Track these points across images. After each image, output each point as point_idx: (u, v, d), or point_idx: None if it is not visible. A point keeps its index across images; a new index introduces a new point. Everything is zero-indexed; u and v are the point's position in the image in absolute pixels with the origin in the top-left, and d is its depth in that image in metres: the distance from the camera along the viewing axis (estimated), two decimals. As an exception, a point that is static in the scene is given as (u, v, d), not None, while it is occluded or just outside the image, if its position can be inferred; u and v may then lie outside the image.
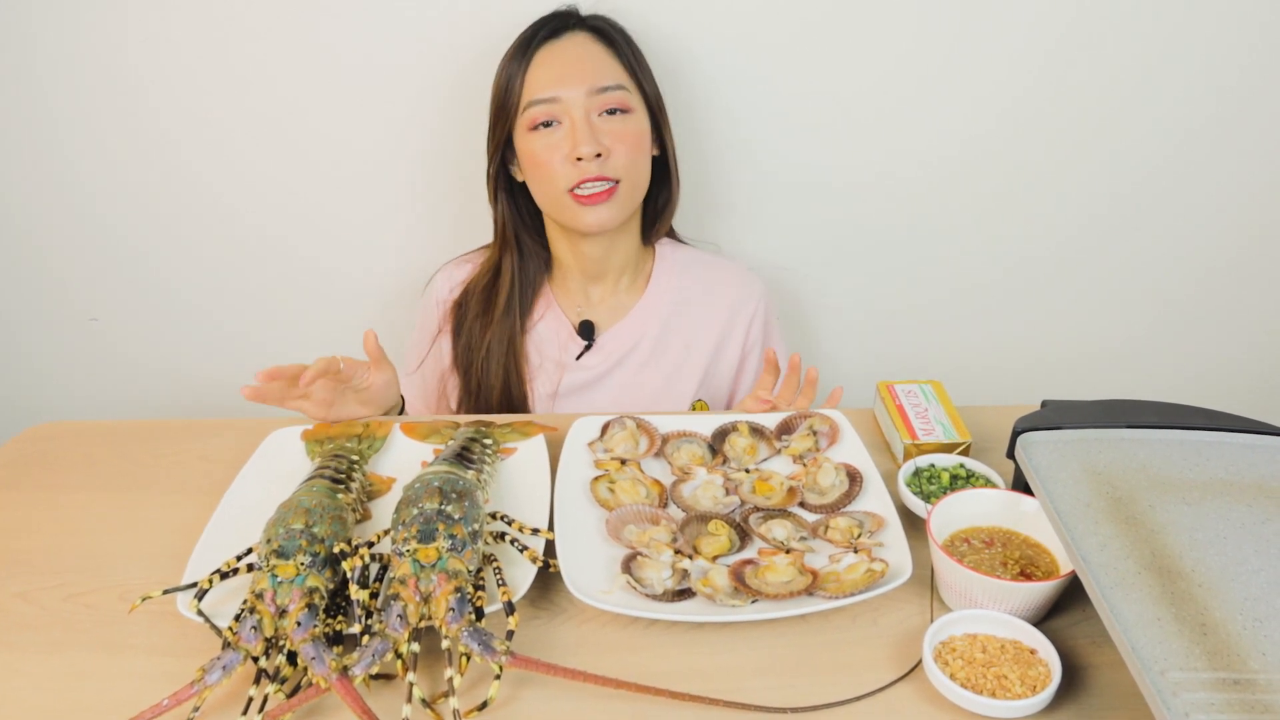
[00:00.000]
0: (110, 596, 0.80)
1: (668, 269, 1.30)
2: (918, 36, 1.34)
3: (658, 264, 1.31)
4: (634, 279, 1.30)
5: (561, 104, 1.13)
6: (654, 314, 1.28)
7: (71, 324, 1.61)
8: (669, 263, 1.31)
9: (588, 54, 1.16)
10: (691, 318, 1.29)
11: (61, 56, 1.39)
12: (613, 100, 1.14)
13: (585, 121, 1.13)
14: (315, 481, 0.85)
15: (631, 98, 1.17)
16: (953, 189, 1.46)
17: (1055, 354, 1.61)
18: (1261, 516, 0.71)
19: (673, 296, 1.29)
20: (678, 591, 0.76)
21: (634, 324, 1.28)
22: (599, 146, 1.12)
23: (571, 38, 1.17)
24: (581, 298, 1.30)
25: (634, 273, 1.30)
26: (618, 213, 1.17)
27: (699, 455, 0.96)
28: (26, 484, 0.96)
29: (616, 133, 1.14)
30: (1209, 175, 1.44)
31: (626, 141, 1.15)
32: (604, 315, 1.29)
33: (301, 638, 0.67)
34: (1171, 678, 0.57)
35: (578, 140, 1.12)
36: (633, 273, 1.30)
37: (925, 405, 1.01)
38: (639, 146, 1.17)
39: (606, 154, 1.13)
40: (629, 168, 1.16)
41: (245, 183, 1.48)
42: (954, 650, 0.69)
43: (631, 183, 1.17)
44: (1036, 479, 0.77)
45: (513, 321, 1.25)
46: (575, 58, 1.15)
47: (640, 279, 1.31)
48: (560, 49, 1.16)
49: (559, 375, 1.26)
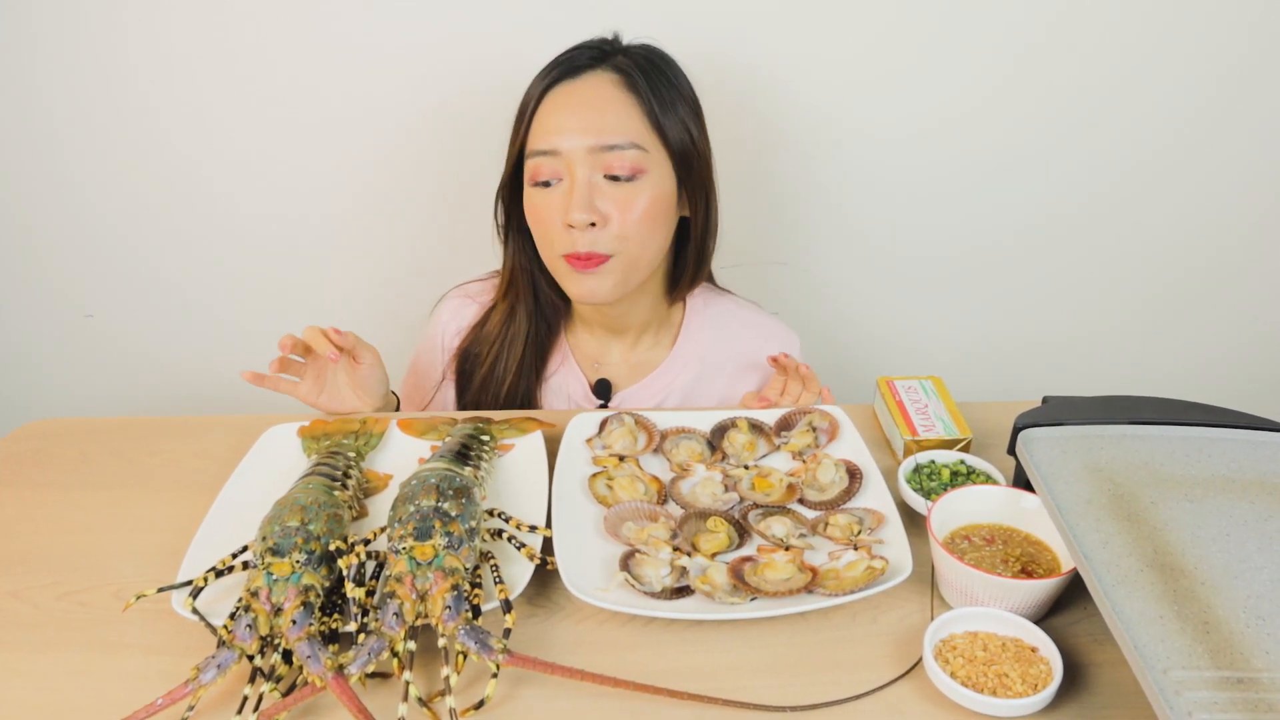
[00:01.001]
0: (104, 595, 0.79)
1: (698, 327, 1.18)
2: (916, 30, 1.34)
3: (687, 319, 1.18)
4: (658, 335, 1.18)
5: (560, 158, 1.01)
6: (678, 377, 1.17)
7: (67, 320, 1.61)
8: (700, 319, 1.19)
9: (602, 101, 1.01)
10: (720, 381, 1.17)
11: (57, 52, 1.38)
12: (620, 161, 1.00)
13: (585, 183, 1.00)
14: (311, 478, 0.84)
15: (648, 158, 1.02)
16: (951, 182, 1.45)
17: (1057, 348, 1.61)
18: (1264, 513, 0.71)
19: (699, 358, 1.17)
20: (676, 589, 0.76)
21: (655, 388, 1.17)
22: (593, 214, 1.00)
23: (589, 79, 1.03)
24: (599, 352, 1.18)
25: (658, 328, 1.18)
26: (611, 287, 1.04)
27: (698, 452, 0.96)
28: (20, 481, 0.96)
29: (619, 199, 1.01)
30: (1208, 166, 1.44)
31: (629, 211, 1.01)
32: (623, 373, 1.18)
33: (297, 636, 0.66)
34: (1174, 676, 0.57)
35: (571, 204, 1.00)
36: (656, 329, 1.18)
37: (925, 401, 1.00)
38: (647, 216, 1.02)
39: (603, 222, 1.01)
40: (627, 241, 1.03)
41: (241, 179, 1.47)
42: (954, 648, 0.69)
43: (630, 257, 1.04)
44: (1038, 475, 0.76)
45: (529, 380, 1.15)
46: (585, 105, 1.01)
47: (666, 335, 1.19)
48: (572, 93, 1.02)
49: None
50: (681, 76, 1.08)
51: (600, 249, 1.02)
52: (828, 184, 1.45)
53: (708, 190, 1.10)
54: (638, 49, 1.07)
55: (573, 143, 1.00)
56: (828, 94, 1.38)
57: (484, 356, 1.16)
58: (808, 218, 1.48)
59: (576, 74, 1.03)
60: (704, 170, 1.09)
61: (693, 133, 1.06)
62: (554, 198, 1.02)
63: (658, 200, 1.03)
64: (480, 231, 1.32)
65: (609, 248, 1.02)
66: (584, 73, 1.04)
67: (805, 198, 1.46)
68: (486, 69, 1.28)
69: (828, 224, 1.49)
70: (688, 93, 1.08)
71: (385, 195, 1.48)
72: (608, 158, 1.00)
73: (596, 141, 1.00)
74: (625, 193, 1.02)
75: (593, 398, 1.17)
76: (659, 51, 1.08)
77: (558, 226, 1.03)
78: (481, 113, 1.39)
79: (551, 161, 1.02)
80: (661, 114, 1.03)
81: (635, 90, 1.02)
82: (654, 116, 1.03)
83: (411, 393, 1.25)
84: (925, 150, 1.43)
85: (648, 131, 1.02)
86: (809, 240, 1.50)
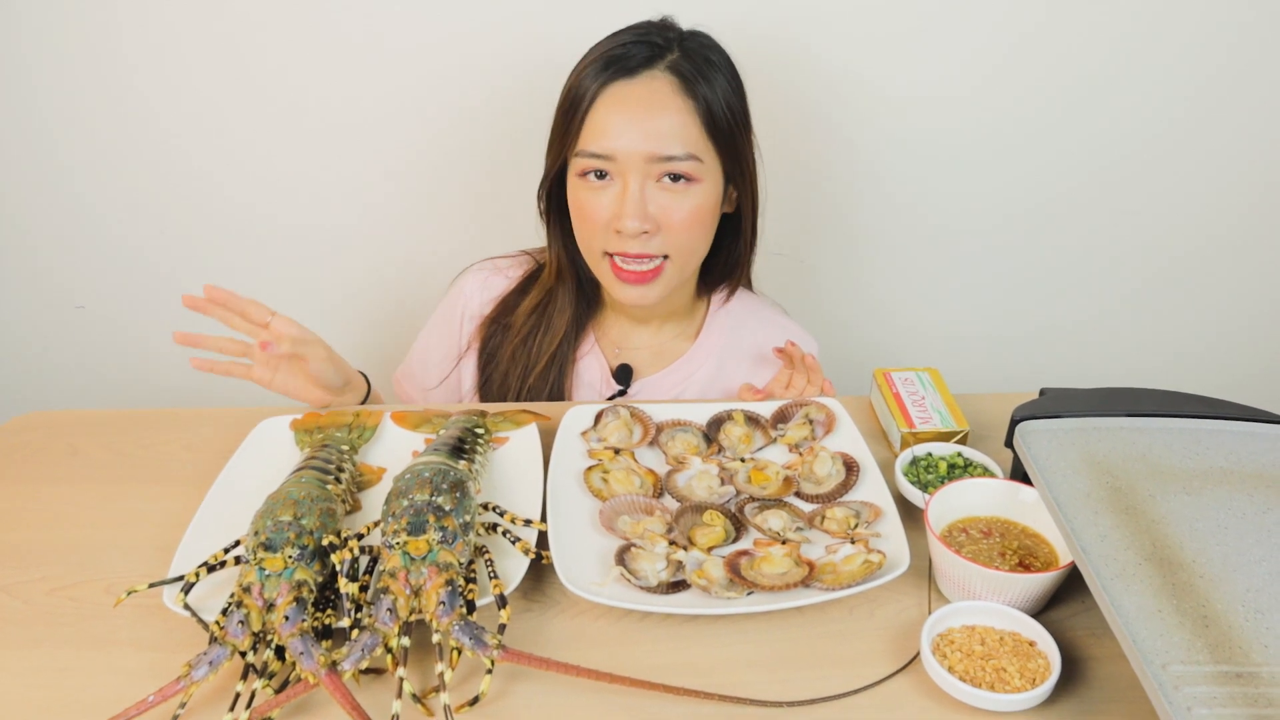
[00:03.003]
0: (95, 590, 0.78)
1: (721, 323, 1.19)
2: (910, 15, 1.33)
3: (710, 315, 1.19)
4: (681, 327, 1.19)
5: (617, 163, 0.99)
6: (698, 370, 1.17)
7: (57, 312, 1.59)
8: (724, 314, 1.19)
9: (662, 109, 0.99)
10: (738, 376, 1.16)
11: (49, 43, 1.36)
12: (676, 170, 1.00)
13: (639, 191, 0.99)
14: (304, 472, 0.83)
15: (702, 168, 1.01)
16: (946, 174, 1.45)
17: (1054, 339, 1.60)
18: (1262, 506, 0.71)
19: (720, 353, 1.18)
20: (672, 583, 0.76)
21: (674, 378, 1.17)
22: (647, 222, 1.00)
23: (646, 82, 1.00)
24: (622, 338, 1.18)
25: (682, 320, 1.19)
26: (661, 292, 1.06)
27: (694, 444, 0.95)
28: (9, 475, 0.95)
29: (671, 206, 1.00)
30: (1205, 154, 1.44)
31: (683, 216, 1.01)
32: (644, 360, 1.18)
33: (290, 632, 0.66)
34: (1173, 671, 0.56)
35: (624, 211, 0.99)
36: (680, 320, 1.19)
37: (922, 393, 1.00)
38: (698, 221, 1.03)
39: (655, 229, 1.01)
40: (680, 246, 1.03)
41: (234, 169, 1.46)
42: (952, 642, 0.69)
43: (681, 261, 1.05)
44: (1035, 468, 0.76)
45: (563, 361, 1.14)
46: (644, 111, 0.98)
47: (689, 328, 1.19)
48: (630, 95, 0.99)
49: None
50: (734, 73, 1.06)
51: (652, 250, 1.02)
52: (822, 176, 1.44)
53: (753, 196, 1.10)
54: (692, 44, 1.04)
55: (630, 149, 0.98)
56: (822, 86, 1.37)
57: (517, 329, 1.15)
58: (802, 209, 1.47)
59: (633, 74, 1.00)
60: (751, 170, 1.08)
61: (742, 139, 1.05)
62: (604, 197, 1.01)
63: (706, 206, 1.03)
64: (490, 230, 1.32)
65: (659, 249, 1.03)
66: (640, 72, 1.00)
67: (800, 190, 1.45)
68: (495, 67, 1.27)
69: (822, 215, 1.48)
70: (739, 91, 1.06)
71: (382, 188, 1.46)
72: (664, 167, 0.99)
73: (654, 151, 0.98)
74: (677, 199, 1.01)
75: (612, 382, 1.17)
76: (713, 45, 1.06)
77: (604, 226, 1.02)
78: (487, 111, 1.39)
79: (605, 163, 1.01)
80: (717, 122, 1.01)
81: (693, 97, 1.00)
82: (710, 125, 1.01)
83: (416, 370, 1.23)
84: (919, 142, 1.42)
85: (704, 140, 1.01)
86: (804, 231, 1.49)
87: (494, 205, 1.45)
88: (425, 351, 1.23)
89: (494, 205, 1.45)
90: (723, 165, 1.04)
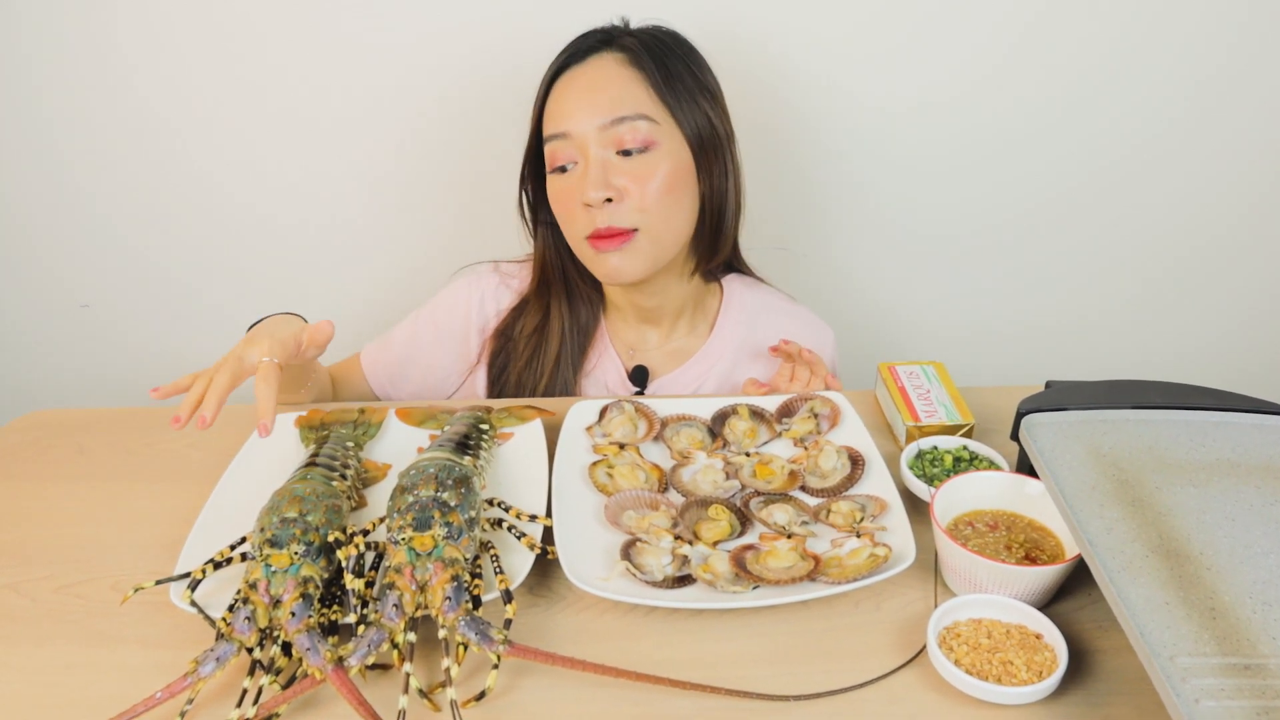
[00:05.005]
0: (102, 587, 0.79)
1: (735, 316, 1.18)
2: (912, 12, 1.32)
3: (724, 309, 1.18)
4: (694, 322, 1.18)
5: (573, 140, 1.01)
6: (714, 366, 1.16)
7: (63, 310, 1.60)
8: (736, 308, 1.18)
9: (607, 80, 1.01)
10: (755, 369, 1.16)
11: (51, 42, 1.37)
12: (631, 134, 1.00)
13: (598, 162, 1.00)
14: (309, 469, 0.83)
15: (659, 129, 1.01)
16: (952, 167, 1.44)
17: (1059, 332, 1.60)
18: (1270, 498, 0.70)
19: (736, 347, 1.17)
20: (678, 578, 0.75)
21: (692, 375, 1.16)
22: (609, 190, 0.99)
23: (596, 61, 1.03)
24: (636, 339, 1.18)
25: (694, 314, 1.18)
26: (638, 263, 1.04)
27: (698, 439, 0.95)
28: (16, 474, 0.95)
29: (634, 173, 1.00)
30: (1210, 148, 1.43)
31: (645, 182, 1.00)
32: (660, 360, 1.17)
33: (296, 628, 0.66)
34: (1180, 663, 0.56)
35: (585, 184, 1.00)
36: (692, 314, 1.18)
37: (927, 386, 1.00)
38: (664, 187, 1.01)
39: (620, 197, 1.00)
40: (649, 214, 1.02)
41: (238, 167, 1.46)
42: (959, 636, 0.69)
43: (654, 231, 1.03)
44: (1041, 461, 0.76)
45: (566, 375, 1.14)
46: (591, 86, 1.01)
47: (703, 322, 1.18)
48: (579, 75, 1.02)
49: None
50: (692, 52, 1.07)
51: (620, 223, 1.01)
52: (827, 171, 1.44)
53: (725, 164, 1.08)
54: (645, 30, 1.07)
55: (582, 123, 1.00)
56: (825, 81, 1.37)
57: (519, 352, 1.15)
58: (807, 204, 1.47)
59: (583, 58, 1.04)
60: (719, 143, 1.07)
61: (704, 105, 1.05)
62: (571, 181, 1.03)
63: (674, 172, 1.03)
64: (483, 226, 1.32)
65: (630, 221, 1.02)
66: (590, 56, 1.04)
67: (804, 184, 1.45)
68: (496, 64, 1.27)
69: (827, 210, 1.48)
70: (697, 66, 1.06)
71: (385, 187, 1.47)
72: (618, 132, 1.00)
73: (605, 118, 1.00)
74: (639, 165, 1.01)
75: (629, 384, 1.16)
76: (667, 30, 1.08)
77: (577, 208, 1.03)
78: (488, 105, 1.39)
79: (565, 145, 1.02)
80: (668, 86, 1.02)
81: (640, 66, 1.02)
82: (660, 89, 1.02)
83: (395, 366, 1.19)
84: (926, 136, 1.41)
85: (656, 104, 1.02)
86: (809, 227, 1.49)
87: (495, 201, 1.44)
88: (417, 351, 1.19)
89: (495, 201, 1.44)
90: (681, 128, 1.03)
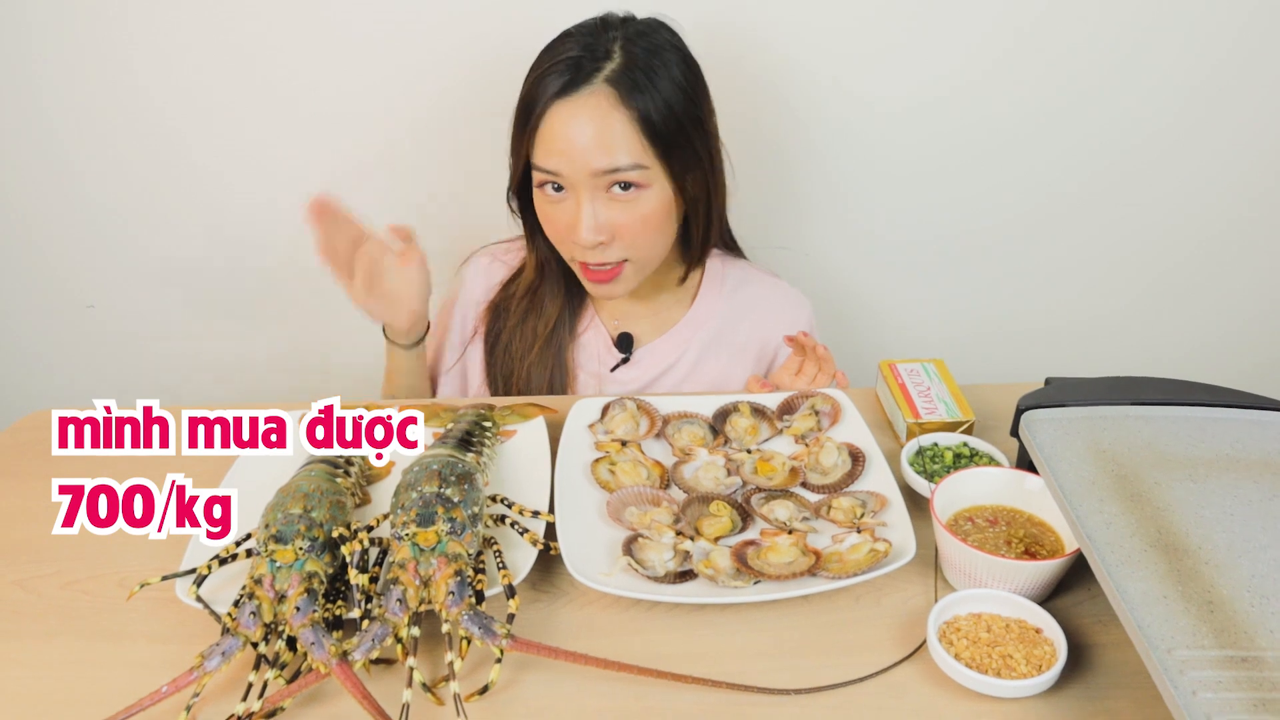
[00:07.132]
0: (108, 583, 0.79)
1: (716, 288, 1.23)
2: (912, 8, 1.32)
3: (706, 280, 1.23)
4: (677, 294, 1.23)
5: (567, 179, 1.04)
6: (696, 333, 1.22)
7: (68, 311, 1.60)
8: (718, 280, 1.23)
9: (602, 124, 1.01)
10: (735, 340, 1.22)
11: (56, 41, 1.37)
12: (624, 179, 1.03)
13: (590, 204, 1.04)
14: (314, 466, 0.84)
15: (649, 173, 1.04)
16: (953, 165, 1.45)
17: (1059, 330, 1.60)
18: (1268, 493, 0.71)
19: (718, 317, 1.22)
20: (679, 573, 0.76)
21: (675, 342, 1.22)
22: (602, 233, 1.04)
23: (589, 98, 1.01)
24: (620, 310, 1.23)
25: (676, 288, 1.23)
26: (625, 286, 1.11)
27: (700, 436, 0.96)
28: (22, 472, 0.96)
29: (625, 215, 1.05)
30: (1210, 147, 1.43)
31: (635, 223, 1.05)
32: (645, 328, 1.23)
33: (301, 623, 0.66)
34: (1178, 656, 0.56)
35: (579, 228, 1.04)
36: (674, 288, 1.23)
37: (928, 383, 1.00)
38: (650, 226, 1.07)
39: (610, 238, 1.05)
40: (637, 248, 1.08)
41: (244, 168, 1.46)
42: (958, 630, 0.69)
43: (640, 262, 1.10)
44: (1041, 457, 0.76)
45: (560, 340, 1.20)
46: (585, 128, 1.01)
47: (686, 294, 1.23)
48: (573, 115, 1.02)
49: (595, 388, 1.21)
50: (684, 59, 1.07)
51: (610, 258, 1.07)
52: (828, 169, 1.44)
53: (707, 180, 1.10)
54: (635, 47, 1.04)
55: (578, 170, 1.02)
56: (825, 78, 1.37)
57: (512, 312, 1.21)
58: (808, 202, 1.47)
59: (575, 89, 1.02)
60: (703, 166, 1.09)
61: (693, 136, 1.06)
62: (561, 210, 1.06)
63: (660, 208, 1.07)
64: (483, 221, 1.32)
65: (619, 256, 1.07)
66: (582, 87, 1.02)
67: (806, 183, 1.45)
68: (496, 62, 1.27)
69: (828, 208, 1.48)
70: (689, 79, 1.06)
71: (391, 183, 1.47)
72: (612, 178, 1.03)
73: (600, 167, 1.02)
74: (628, 207, 1.05)
75: (615, 351, 1.21)
76: (659, 38, 1.06)
77: (565, 236, 1.07)
78: (486, 99, 1.38)
79: (556, 179, 1.05)
80: (657, 129, 1.03)
81: (632, 107, 1.02)
82: (650, 133, 1.03)
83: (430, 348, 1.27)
84: (926, 133, 1.42)
85: (645, 147, 1.03)
86: (810, 224, 1.49)
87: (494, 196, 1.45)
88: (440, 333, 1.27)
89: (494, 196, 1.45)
90: (669, 169, 1.05)
